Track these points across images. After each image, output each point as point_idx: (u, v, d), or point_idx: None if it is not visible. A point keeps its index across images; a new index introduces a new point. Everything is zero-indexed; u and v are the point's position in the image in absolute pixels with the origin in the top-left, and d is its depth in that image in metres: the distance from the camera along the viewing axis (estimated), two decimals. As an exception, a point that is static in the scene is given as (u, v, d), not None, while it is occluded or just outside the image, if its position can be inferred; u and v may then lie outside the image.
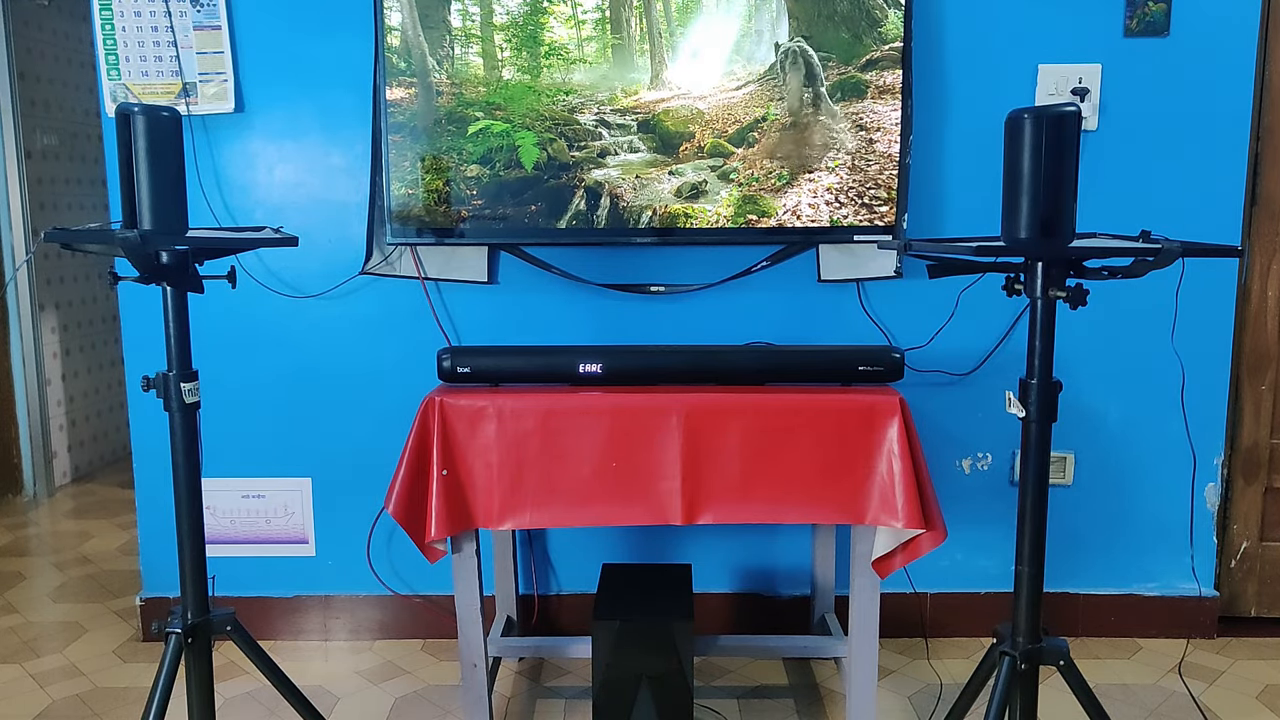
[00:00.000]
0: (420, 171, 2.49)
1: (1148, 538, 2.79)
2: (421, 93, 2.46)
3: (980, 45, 2.59)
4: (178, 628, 1.81)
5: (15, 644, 2.83)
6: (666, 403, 2.14)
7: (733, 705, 2.47)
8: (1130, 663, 2.68)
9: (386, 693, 2.55)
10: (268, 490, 2.78)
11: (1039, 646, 1.72)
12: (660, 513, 2.15)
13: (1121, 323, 2.70)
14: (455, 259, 2.65)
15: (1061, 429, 2.73)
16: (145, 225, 1.67)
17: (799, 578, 2.82)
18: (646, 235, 2.52)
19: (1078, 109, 1.58)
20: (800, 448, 2.14)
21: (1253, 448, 2.81)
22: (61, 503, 4.18)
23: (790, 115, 2.47)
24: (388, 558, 2.82)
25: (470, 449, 2.16)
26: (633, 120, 2.47)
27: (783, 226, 2.51)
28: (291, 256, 2.70)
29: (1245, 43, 2.59)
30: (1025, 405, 1.68)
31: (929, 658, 2.72)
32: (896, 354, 2.22)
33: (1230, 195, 2.65)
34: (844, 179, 2.49)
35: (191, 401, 1.79)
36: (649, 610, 2.19)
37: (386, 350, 2.73)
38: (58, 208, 4.37)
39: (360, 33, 2.59)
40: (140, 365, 2.74)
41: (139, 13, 2.57)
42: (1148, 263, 1.56)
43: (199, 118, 2.64)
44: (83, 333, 4.56)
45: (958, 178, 2.65)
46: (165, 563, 2.80)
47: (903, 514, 2.09)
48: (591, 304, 2.69)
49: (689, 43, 2.44)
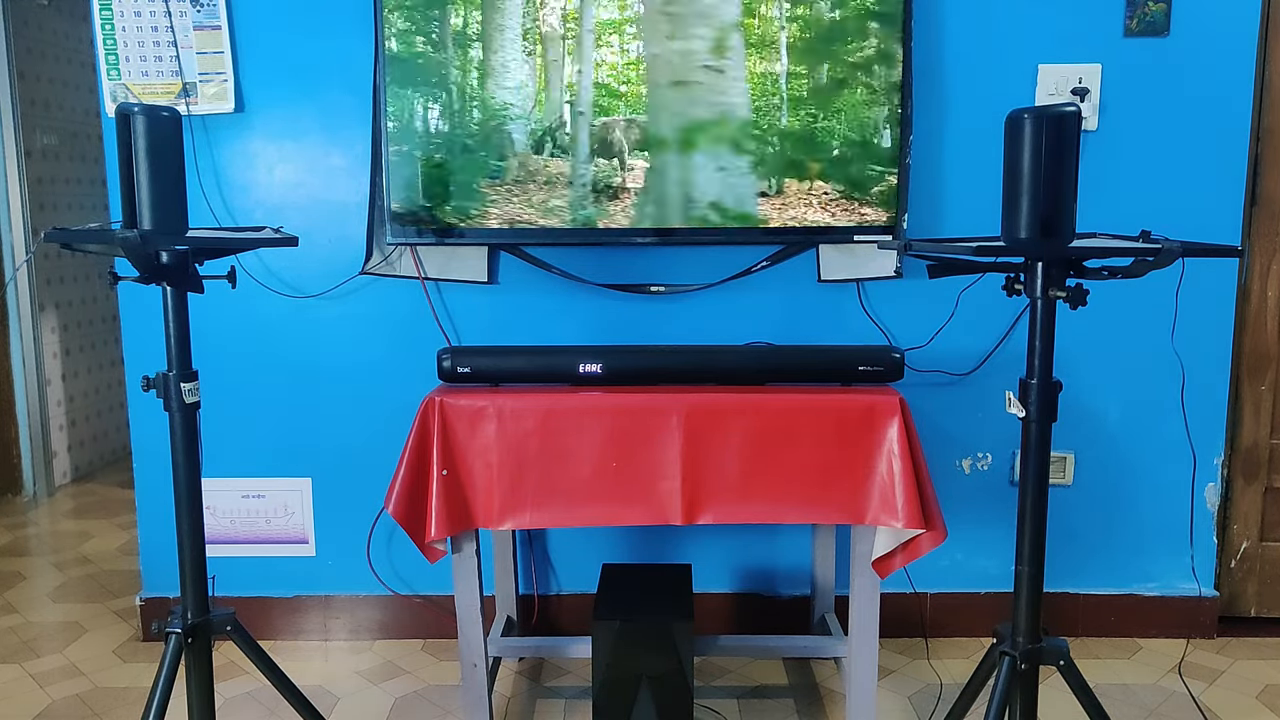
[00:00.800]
0: (420, 171, 2.49)
1: (1148, 538, 2.79)
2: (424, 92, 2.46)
3: (980, 45, 2.59)
4: (178, 628, 1.81)
5: (15, 644, 2.83)
6: (666, 403, 2.14)
7: (733, 705, 2.47)
8: (1130, 663, 2.68)
9: (386, 693, 2.55)
10: (268, 490, 2.78)
11: (1039, 646, 1.72)
12: (660, 513, 2.15)
13: (1121, 323, 2.70)
14: (455, 259, 2.65)
15: (1061, 429, 2.73)
16: (145, 225, 1.67)
17: (799, 578, 2.82)
18: (646, 235, 2.52)
19: (1078, 109, 1.58)
20: (800, 448, 2.14)
21: (1253, 448, 2.81)
22: (61, 503, 4.18)
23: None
24: (388, 558, 2.82)
25: (470, 449, 2.16)
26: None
27: (783, 227, 2.51)
28: (291, 256, 2.70)
29: (1245, 43, 2.59)
30: (1025, 405, 1.68)
31: (929, 658, 2.72)
32: (896, 354, 2.22)
33: (1230, 195, 2.65)
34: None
35: (191, 401, 1.79)
36: (649, 610, 2.19)
37: (386, 350, 2.73)
38: (58, 208, 4.37)
39: (360, 33, 2.59)
40: (140, 365, 2.74)
41: (139, 13, 2.57)
42: (1148, 263, 1.56)
43: (199, 118, 2.64)
44: (83, 333, 4.56)
45: (958, 178, 2.65)
46: (165, 563, 2.80)
47: (903, 514, 2.09)
48: (591, 304, 2.69)
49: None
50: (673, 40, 2.45)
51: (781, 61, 2.45)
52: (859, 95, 2.46)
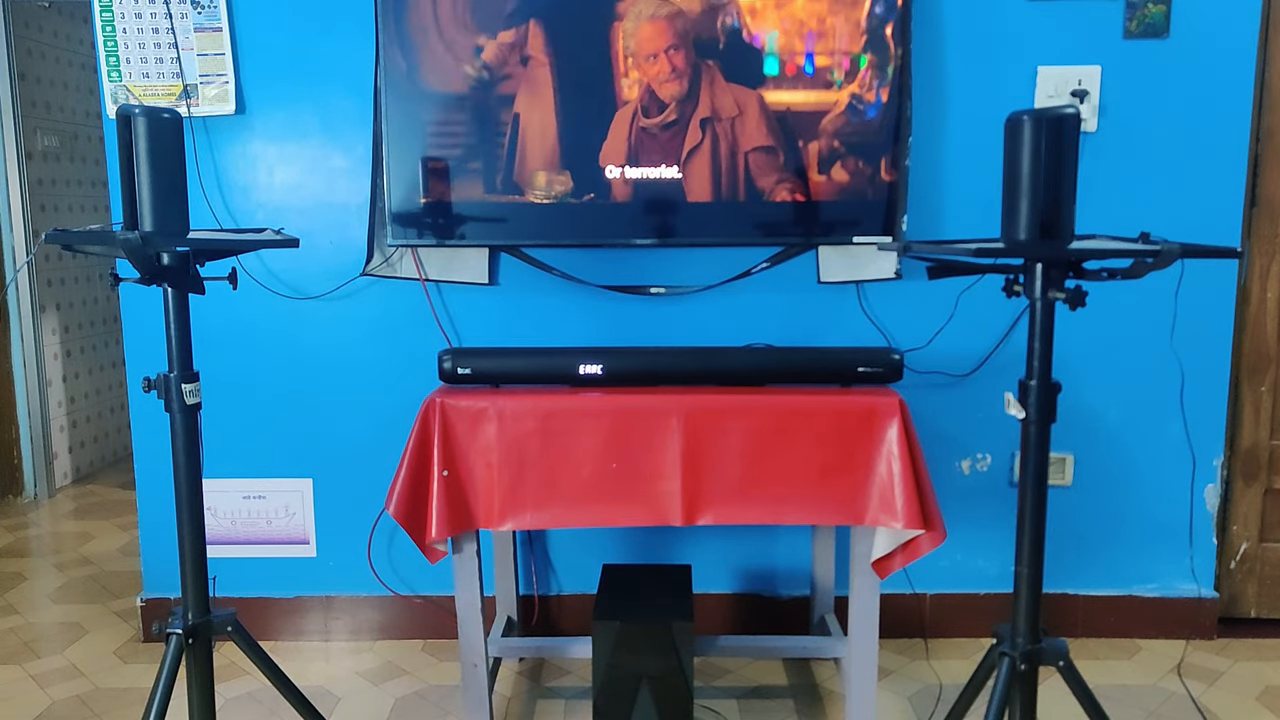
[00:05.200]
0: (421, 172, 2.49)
1: (1147, 539, 2.79)
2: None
3: (980, 47, 2.59)
4: (178, 628, 1.81)
5: (16, 645, 2.84)
6: (666, 404, 2.15)
7: (733, 705, 2.47)
8: (1130, 663, 2.69)
9: (387, 693, 2.55)
10: (269, 491, 2.78)
11: (1038, 647, 1.72)
12: (660, 514, 2.15)
13: (1121, 324, 2.70)
14: (456, 260, 2.66)
15: (1061, 430, 2.73)
16: (146, 227, 1.67)
17: (799, 578, 2.83)
18: (647, 236, 2.52)
19: (1077, 111, 1.59)
20: (800, 449, 2.14)
21: (1252, 449, 2.81)
22: (62, 504, 4.19)
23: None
24: (388, 558, 2.82)
25: (471, 450, 2.17)
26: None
27: (783, 227, 2.51)
28: (292, 258, 2.70)
29: (1245, 44, 2.60)
30: (1024, 406, 1.69)
31: (928, 658, 2.72)
32: (896, 355, 2.23)
33: (1230, 197, 2.66)
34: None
35: (193, 402, 1.79)
36: (649, 611, 2.20)
37: (387, 351, 2.73)
38: (58, 209, 4.38)
39: (360, 34, 2.60)
40: (141, 366, 2.75)
41: (140, 14, 2.57)
42: (1147, 264, 1.56)
43: (200, 119, 2.64)
44: (84, 334, 4.56)
45: (957, 179, 2.65)
46: (166, 563, 2.81)
47: (902, 514, 2.10)
48: (592, 305, 2.70)
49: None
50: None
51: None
52: (859, 95, 2.47)
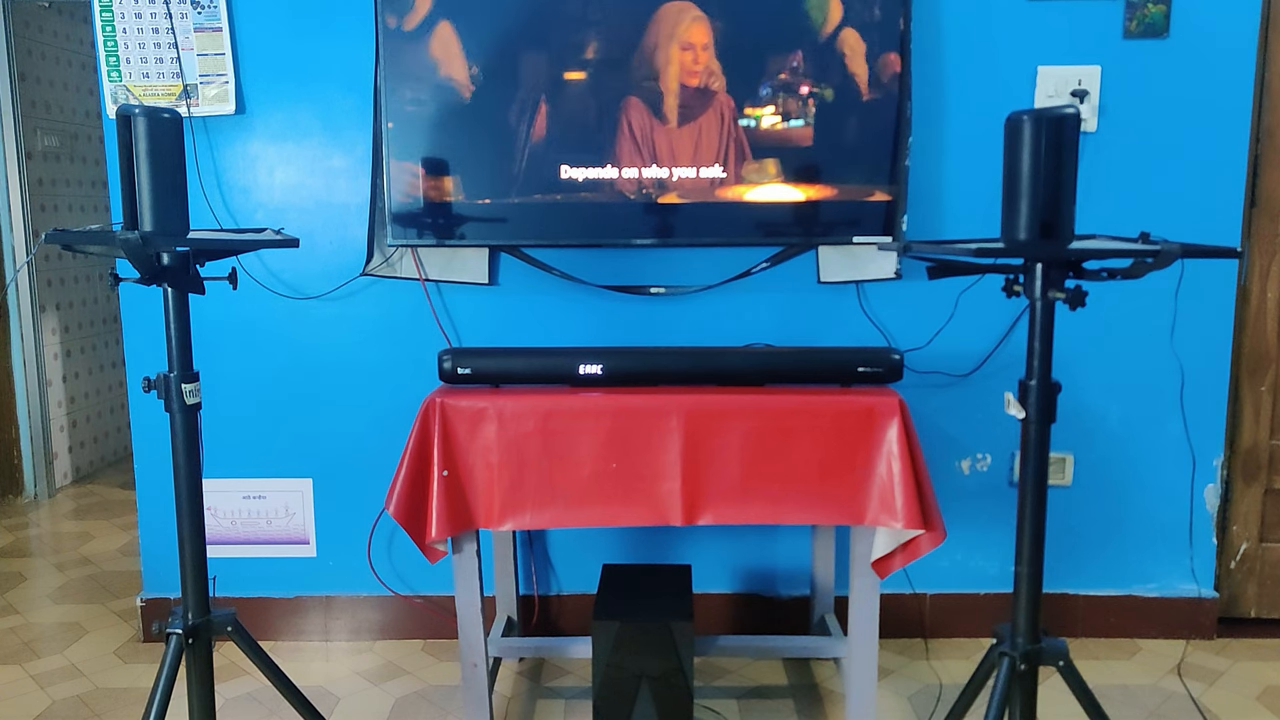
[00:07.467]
0: (421, 172, 2.49)
1: (1147, 539, 2.79)
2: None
3: (980, 47, 2.59)
4: (178, 628, 1.81)
5: (16, 645, 2.84)
6: (666, 404, 2.15)
7: (733, 705, 2.47)
8: (1130, 663, 2.69)
9: (387, 693, 2.55)
10: (269, 491, 2.79)
11: (1038, 647, 1.72)
12: (660, 514, 2.15)
13: (1121, 324, 2.70)
14: (456, 260, 2.66)
15: (1061, 430, 2.73)
16: (146, 227, 1.67)
17: (799, 578, 2.83)
18: (647, 237, 2.52)
19: (1077, 111, 1.59)
20: (800, 449, 2.15)
21: (1252, 449, 2.81)
22: (62, 503, 4.19)
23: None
24: (388, 558, 2.82)
25: (471, 450, 2.17)
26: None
27: (783, 227, 2.51)
28: (292, 258, 2.70)
29: (1245, 44, 2.60)
30: (1024, 406, 1.69)
31: (928, 658, 2.72)
32: (896, 355, 2.23)
33: (1230, 196, 2.66)
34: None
35: (193, 403, 1.79)
36: (649, 611, 2.20)
37: (387, 351, 2.73)
38: (58, 209, 4.38)
39: (360, 34, 2.60)
40: (141, 366, 2.75)
41: (140, 14, 2.57)
42: (1147, 264, 1.56)
43: (200, 119, 2.64)
44: (84, 334, 4.56)
45: (957, 179, 2.65)
46: (166, 563, 2.81)
47: (902, 514, 2.10)
48: (592, 305, 2.70)
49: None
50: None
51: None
52: (859, 95, 2.47)
